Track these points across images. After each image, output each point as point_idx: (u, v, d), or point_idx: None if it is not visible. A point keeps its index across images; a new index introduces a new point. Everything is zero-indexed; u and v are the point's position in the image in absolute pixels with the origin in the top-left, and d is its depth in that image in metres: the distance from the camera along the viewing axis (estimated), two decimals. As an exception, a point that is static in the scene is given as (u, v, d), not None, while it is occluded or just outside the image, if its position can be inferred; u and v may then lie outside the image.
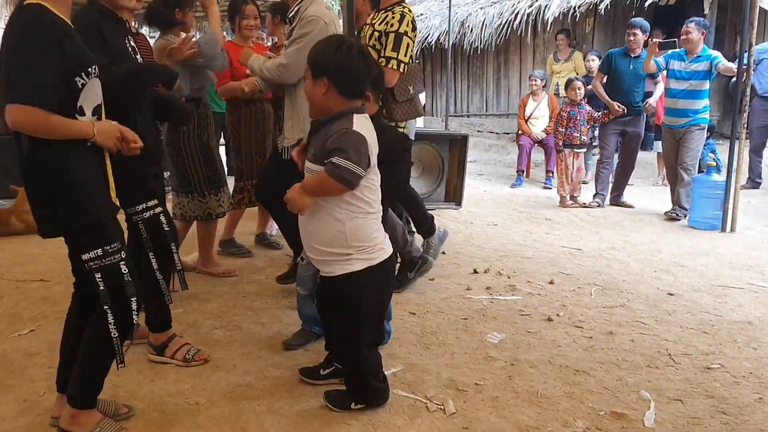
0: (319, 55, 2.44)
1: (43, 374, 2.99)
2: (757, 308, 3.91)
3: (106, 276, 2.30)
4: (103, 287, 2.29)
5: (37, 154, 2.20)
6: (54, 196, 2.23)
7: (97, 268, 2.28)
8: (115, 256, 2.31)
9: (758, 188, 8.29)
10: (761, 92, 8.03)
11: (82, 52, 2.21)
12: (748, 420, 2.59)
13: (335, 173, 2.33)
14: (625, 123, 7.17)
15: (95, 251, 2.27)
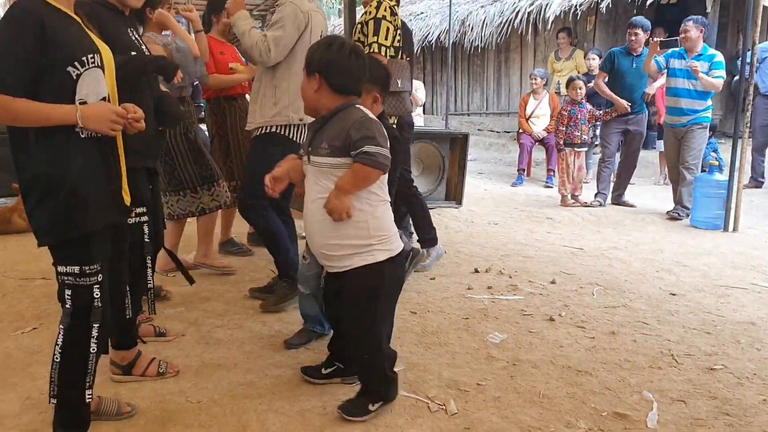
0: (312, 52, 2.48)
1: (46, 372, 2.96)
2: (761, 308, 3.90)
3: (76, 295, 2.19)
4: (70, 305, 2.19)
5: (34, 149, 2.09)
6: (45, 200, 2.11)
7: (69, 284, 2.18)
8: (91, 278, 2.19)
9: (761, 187, 8.28)
10: (764, 91, 8.02)
11: (75, 41, 2.13)
12: (752, 421, 2.58)
13: (372, 161, 2.34)
14: (628, 122, 7.17)
15: (72, 267, 2.16)
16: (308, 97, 2.51)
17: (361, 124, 2.38)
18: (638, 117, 7.18)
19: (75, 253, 2.16)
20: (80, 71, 2.11)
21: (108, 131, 2.17)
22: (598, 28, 11.30)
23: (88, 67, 2.13)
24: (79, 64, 2.11)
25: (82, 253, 2.16)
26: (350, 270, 2.47)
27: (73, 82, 2.11)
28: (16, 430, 2.49)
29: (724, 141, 9.24)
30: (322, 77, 2.43)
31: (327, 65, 2.43)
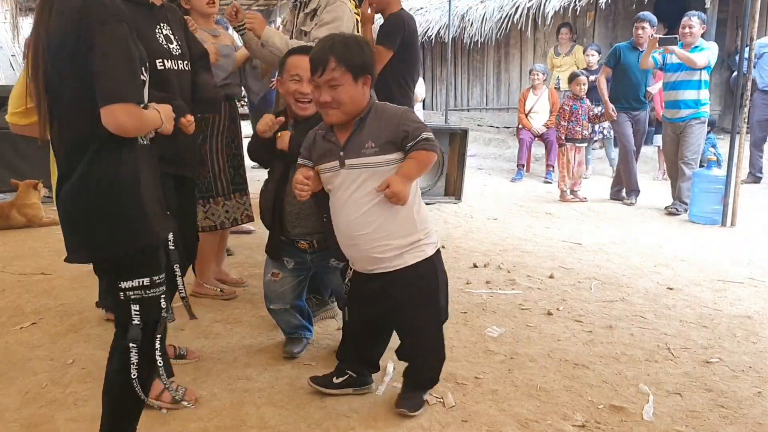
0: (356, 55, 2.35)
1: (45, 366, 3.00)
2: (757, 302, 3.91)
3: (145, 310, 1.98)
4: (138, 322, 1.98)
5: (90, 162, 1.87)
6: (106, 215, 1.90)
7: (137, 299, 1.97)
8: (159, 288, 2.01)
9: (759, 183, 8.29)
10: (762, 86, 8.02)
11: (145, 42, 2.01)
12: (746, 414, 2.60)
13: (432, 146, 2.36)
14: (634, 117, 7.14)
15: (141, 280, 1.96)
16: (357, 101, 2.40)
17: (406, 115, 2.42)
18: (643, 113, 7.17)
19: (141, 265, 1.97)
20: (146, 77, 1.97)
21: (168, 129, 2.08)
22: (597, 23, 11.30)
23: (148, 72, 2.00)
24: (145, 70, 1.97)
25: (149, 263, 1.99)
26: (404, 268, 2.45)
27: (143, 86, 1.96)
28: (16, 423, 2.51)
29: (722, 136, 9.24)
30: (371, 77, 2.42)
31: (372, 65, 2.41)
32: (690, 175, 6.42)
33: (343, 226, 2.48)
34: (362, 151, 2.38)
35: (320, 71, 2.35)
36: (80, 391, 2.77)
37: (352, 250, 2.53)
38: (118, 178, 1.89)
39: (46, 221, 5.99)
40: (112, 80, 1.77)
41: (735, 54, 8.74)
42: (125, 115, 1.79)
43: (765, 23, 9.77)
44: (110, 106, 1.77)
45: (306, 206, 2.88)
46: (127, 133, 1.84)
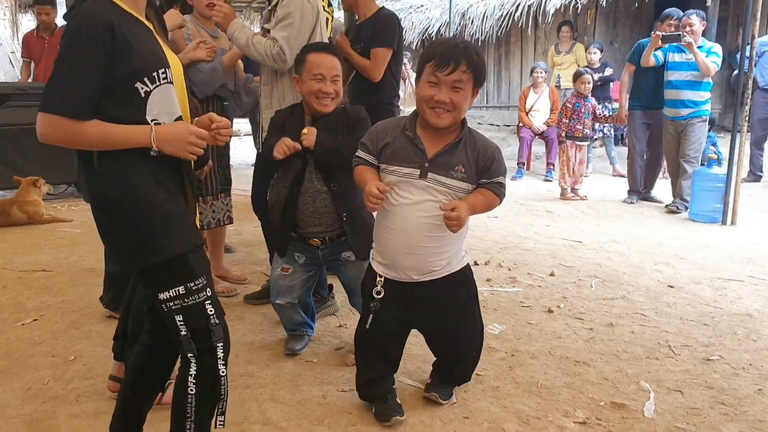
0: (483, 65, 2.31)
1: (47, 363, 3.01)
2: (757, 300, 3.92)
3: (189, 318, 1.90)
4: (186, 332, 1.90)
5: (100, 171, 1.84)
6: (121, 225, 1.87)
7: (177, 309, 1.88)
8: (200, 294, 1.90)
9: (759, 181, 8.30)
10: (763, 85, 8.03)
11: (146, 53, 1.86)
12: (747, 411, 2.60)
13: (502, 193, 2.42)
14: (653, 117, 6.99)
15: (175, 289, 1.87)
16: (464, 112, 2.36)
17: (498, 154, 2.42)
18: (660, 112, 6.93)
19: (173, 275, 1.88)
20: (150, 88, 1.85)
21: (186, 155, 1.91)
22: (598, 21, 11.30)
23: (158, 84, 1.87)
24: (149, 81, 1.84)
25: (181, 272, 1.89)
26: (449, 275, 2.48)
27: (141, 100, 1.84)
28: (18, 419, 2.51)
29: (723, 135, 9.25)
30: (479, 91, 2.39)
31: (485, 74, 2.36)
32: (691, 173, 6.42)
33: (407, 235, 2.39)
34: (451, 172, 2.34)
35: (451, 69, 2.25)
36: (82, 387, 2.77)
37: (406, 259, 2.43)
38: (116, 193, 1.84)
39: (46, 218, 6.00)
40: (48, 88, 1.75)
41: (736, 52, 8.74)
42: (47, 125, 1.75)
43: (766, 21, 9.77)
44: (39, 114, 1.76)
45: (322, 205, 2.87)
46: (52, 143, 1.79)
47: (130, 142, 1.82)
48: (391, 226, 2.42)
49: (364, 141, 2.48)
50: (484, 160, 2.37)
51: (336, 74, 2.89)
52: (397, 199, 2.39)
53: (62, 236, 5.52)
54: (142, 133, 1.83)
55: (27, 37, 7.83)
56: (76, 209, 6.66)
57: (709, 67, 6.32)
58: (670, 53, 6.60)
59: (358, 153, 2.50)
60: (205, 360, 1.93)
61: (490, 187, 2.38)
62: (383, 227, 2.46)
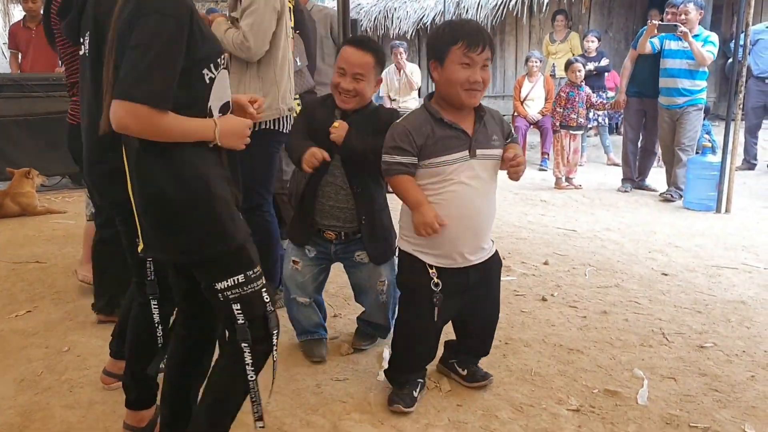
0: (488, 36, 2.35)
1: (40, 354, 3.00)
2: (751, 288, 3.93)
3: (246, 307, 1.87)
4: (243, 320, 1.86)
5: (164, 161, 1.77)
6: (188, 216, 1.79)
7: (236, 297, 1.85)
8: (257, 282, 1.88)
9: (753, 169, 8.31)
10: (757, 73, 8.03)
11: (211, 37, 1.83)
12: (740, 397, 2.61)
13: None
14: (647, 103, 6.97)
15: (235, 278, 1.84)
16: None
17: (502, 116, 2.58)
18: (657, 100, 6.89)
19: (234, 263, 1.86)
20: (215, 75, 1.82)
21: (240, 147, 1.93)
22: (593, 10, 11.27)
23: (220, 69, 1.84)
24: (214, 67, 1.81)
25: (242, 260, 1.87)
26: (493, 255, 2.57)
27: (206, 87, 1.81)
28: (12, 411, 2.51)
29: (717, 123, 9.25)
30: None
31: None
32: (686, 161, 6.42)
33: (470, 215, 2.40)
34: (491, 142, 2.42)
35: (482, 48, 2.28)
36: (75, 378, 2.77)
37: (470, 241, 2.44)
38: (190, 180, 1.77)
39: (40, 210, 5.98)
40: (132, 75, 1.63)
41: (730, 41, 8.74)
42: (130, 115, 1.64)
43: (761, 10, 9.76)
44: (118, 102, 1.64)
45: (342, 201, 2.79)
46: (130, 133, 1.69)
47: (197, 136, 1.78)
48: (455, 214, 2.36)
49: (399, 145, 2.36)
50: (503, 123, 2.52)
51: (358, 72, 2.71)
52: (457, 186, 2.37)
53: (56, 228, 5.50)
54: (208, 128, 1.79)
55: (14, 28, 7.73)
56: (70, 200, 6.64)
57: (705, 57, 6.31)
58: (667, 41, 6.58)
59: (397, 158, 2.36)
60: (260, 348, 1.89)
61: (514, 141, 2.54)
62: (446, 215, 2.36)
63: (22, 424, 2.42)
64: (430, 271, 2.43)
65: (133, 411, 2.31)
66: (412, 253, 2.47)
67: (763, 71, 7.99)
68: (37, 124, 6.80)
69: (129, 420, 2.31)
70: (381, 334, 3.10)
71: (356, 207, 2.79)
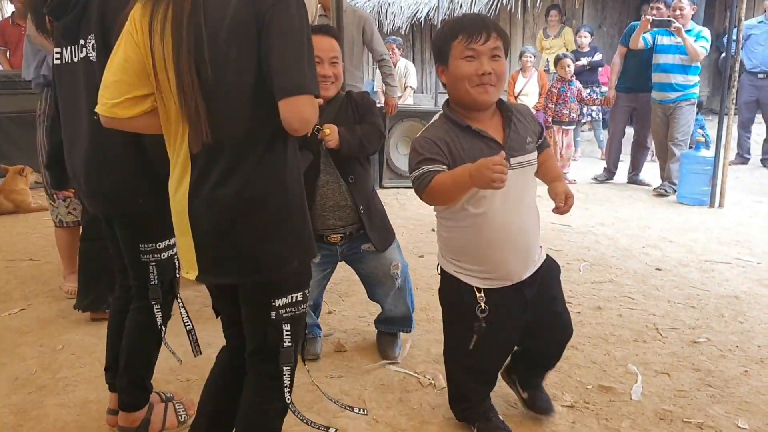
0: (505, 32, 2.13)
1: (34, 352, 3.00)
2: (744, 282, 3.94)
3: (296, 329, 1.74)
4: (290, 342, 1.73)
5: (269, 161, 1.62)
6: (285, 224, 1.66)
7: (288, 317, 1.72)
8: (307, 302, 1.78)
9: (747, 164, 8.33)
10: (749, 68, 8.04)
11: None
12: (733, 392, 2.63)
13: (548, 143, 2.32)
14: (638, 99, 7.00)
15: (295, 295, 1.71)
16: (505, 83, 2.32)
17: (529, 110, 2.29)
18: (648, 95, 6.90)
19: (302, 277, 1.75)
20: None
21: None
22: (586, 5, 11.27)
23: None
24: None
25: (305, 276, 1.76)
26: (545, 261, 2.30)
27: None
28: (5, 409, 2.51)
29: (710, 117, 9.27)
30: None
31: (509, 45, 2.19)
32: (679, 156, 6.44)
33: (508, 230, 2.13)
34: (525, 147, 2.14)
35: (485, 36, 2.03)
36: (70, 376, 2.77)
37: (510, 257, 2.16)
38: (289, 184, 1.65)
39: (34, 207, 5.96)
40: (296, 68, 1.52)
41: (723, 35, 8.75)
42: (310, 107, 1.54)
43: (753, 4, 9.78)
44: (294, 98, 1.51)
45: (341, 198, 2.72)
46: (306, 129, 1.58)
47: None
48: (498, 233, 2.13)
49: (427, 156, 2.05)
50: (533, 120, 2.24)
51: (334, 56, 2.66)
52: (493, 199, 2.08)
53: (50, 225, 5.42)
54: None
55: (2, 25, 7.68)
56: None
57: (698, 52, 6.32)
58: (659, 36, 6.58)
59: (430, 168, 2.03)
60: (293, 374, 1.79)
61: (546, 144, 2.30)
62: (476, 234, 2.14)
63: (16, 423, 2.42)
64: (478, 295, 2.17)
65: (128, 413, 2.30)
66: (456, 275, 2.22)
67: (755, 66, 8.00)
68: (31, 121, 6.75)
69: (123, 422, 2.31)
70: (405, 328, 3.00)
71: (352, 198, 2.73)
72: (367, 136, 2.61)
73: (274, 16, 1.51)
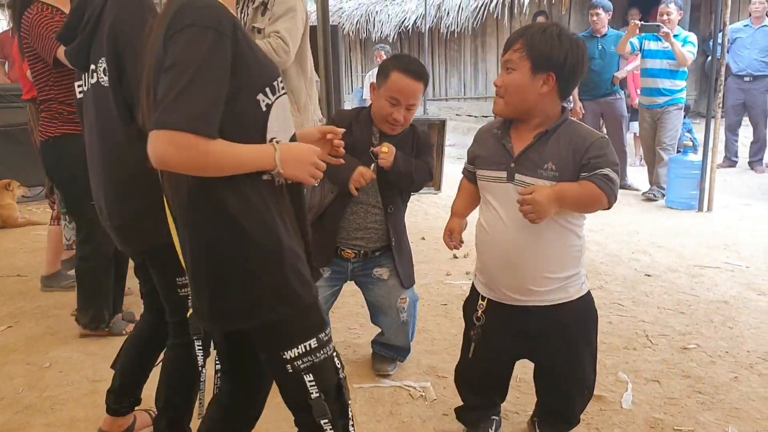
0: (546, 44, 1.96)
1: (21, 371, 2.97)
2: (733, 287, 3.95)
3: (320, 376, 1.59)
4: (318, 393, 1.58)
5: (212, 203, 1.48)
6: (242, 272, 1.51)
7: (307, 367, 1.57)
8: (330, 344, 1.62)
9: (734, 167, 8.37)
10: (735, 71, 8.09)
11: (262, 57, 1.56)
12: (723, 399, 2.63)
13: (609, 189, 1.94)
14: (602, 105, 7.14)
15: (306, 344, 1.56)
16: (528, 99, 2.00)
17: (603, 144, 1.99)
18: (611, 99, 7.12)
19: (303, 326, 1.58)
20: (271, 100, 1.53)
21: (307, 179, 1.58)
22: (573, 10, 11.32)
23: (278, 95, 1.56)
24: (270, 91, 1.53)
25: (312, 321, 1.60)
26: (565, 303, 2.11)
27: (263, 115, 1.52)
28: (-8, 429, 2.48)
29: (698, 121, 9.31)
30: (558, 79, 1.97)
31: (569, 66, 1.96)
32: (668, 160, 6.47)
33: (500, 247, 2.11)
34: (539, 171, 1.99)
35: (504, 49, 2.07)
36: (57, 395, 2.74)
37: (503, 275, 2.13)
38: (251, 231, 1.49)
39: (21, 222, 5.92)
40: (168, 99, 1.35)
41: (709, 39, 8.80)
42: (171, 145, 1.34)
43: (738, 8, 9.84)
44: (154, 132, 1.35)
45: (372, 221, 2.68)
46: (171, 168, 1.40)
47: (254, 164, 1.47)
48: (486, 239, 2.17)
49: (468, 150, 2.27)
50: (582, 150, 1.97)
51: (413, 103, 2.55)
52: (490, 207, 2.14)
53: (37, 240, 5.44)
54: (266, 153, 1.48)
55: (1, 38, 7.65)
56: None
57: (686, 57, 6.36)
58: (646, 41, 6.62)
59: (466, 167, 2.31)
60: (339, 423, 1.62)
61: (592, 179, 1.94)
62: (480, 240, 2.21)
63: (2, 445, 2.39)
64: (480, 302, 2.21)
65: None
66: (473, 280, 2.29)
67: (741, 69, 8.05)
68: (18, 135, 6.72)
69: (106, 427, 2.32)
70: (400, 357, 2.94)
71: (387, 227, 2.69)
72: (418, 171, 2.60)
73: (169, 47, 1.40)
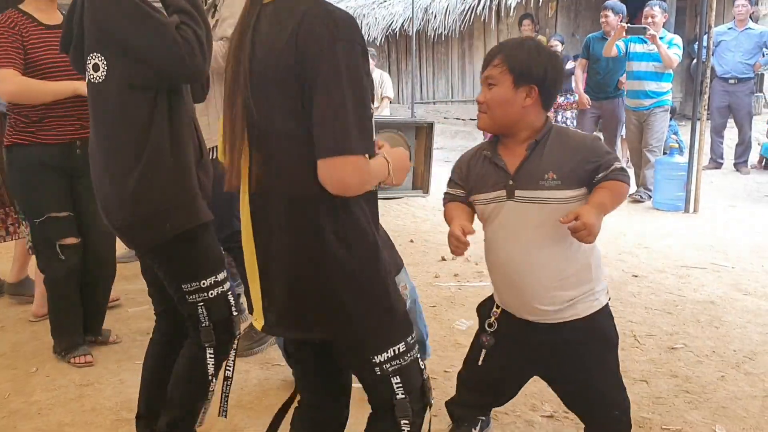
0: (524, 57, 1.95)
1: (8, 376, 2.94)
2: (720, 288, 3.98)
3: (407, 378, 1.61)
4: (403, 395, 1.61)
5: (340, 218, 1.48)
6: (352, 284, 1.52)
7: (395, 370, 1.59)
8: (415, 349, 1.65)
9: (720, 168, 8.43)
10: (720, 73, 8.15)
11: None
12: (710, 398, 2.65)
13: (627, 179, 2.00)
14: (602, 107, 7.15)
15: (396, 347, 1.58)
16: (512, 112, 1.97)
17: (598, 144, 2.05)
18: (613, 102, 7.10)
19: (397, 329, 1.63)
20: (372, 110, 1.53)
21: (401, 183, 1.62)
22: (559, 13, 11.39)
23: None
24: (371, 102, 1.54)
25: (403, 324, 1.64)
26: (575, 320, 2.04)
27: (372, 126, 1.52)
28: (-22, 435, 2.46)
29: (684, 123, 9.38)
30: (540, 91, 1.96)
31: (550, 78, 1.97)
32: (654, 162, 6.51)
33: (504, 267, 2.07)
34: (540, 183, 1.95)
35: (483, 66, 2.04)
36: (44, 399, 2.72)
37: (509, 295, 2.10)
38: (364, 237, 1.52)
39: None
40: (339, 125, 1.36)
41: (694, 42, 8.86)
42: (352, 171, 1.38)
43: (723, 11, 9.93)
44: (332, 159, 1.37)
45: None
46: (349, 193, 1.43)
47: (382, 176, 1.51)
48: (491, 258, 2.12)
49: (451, 176, 2.20)
50: (582, 156, 1.98)
51: None
52: (492, 228, 2.08)
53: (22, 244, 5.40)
54: (384, 164, 1.52)
55: None
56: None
57: (672, 59, 6.40)
58: (632, 44, 6.65)
59: (447, 189, 2.20)
60: (419, 422, 1.66)
61: (609, 177, 1.96)
62: (486, 258, 2.16)
63: (-12, 450, 2.37)
64: (494, 309, 2.17)
65: None
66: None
67: (726, 72, 8.11)
68: None
69: None
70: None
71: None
72: None
73: (319, 65, 1.38)
